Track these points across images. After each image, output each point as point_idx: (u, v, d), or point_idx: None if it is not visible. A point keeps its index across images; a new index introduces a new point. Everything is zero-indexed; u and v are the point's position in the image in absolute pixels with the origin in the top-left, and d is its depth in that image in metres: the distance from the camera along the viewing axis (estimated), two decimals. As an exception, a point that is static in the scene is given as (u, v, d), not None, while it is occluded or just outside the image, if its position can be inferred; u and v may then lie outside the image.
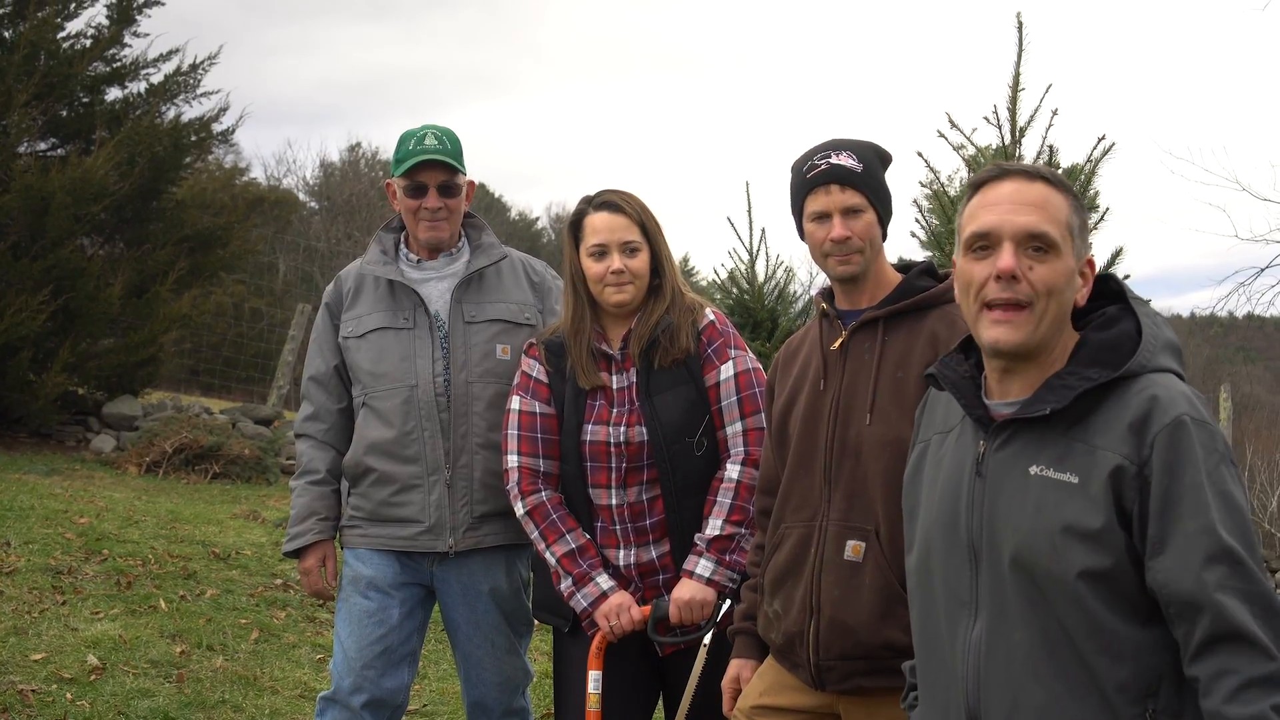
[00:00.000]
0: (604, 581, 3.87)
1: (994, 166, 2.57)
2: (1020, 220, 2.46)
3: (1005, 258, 2.45)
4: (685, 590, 3.80)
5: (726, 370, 3.90)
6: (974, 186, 2.58)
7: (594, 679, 3.86)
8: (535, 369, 4.04)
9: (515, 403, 4.03)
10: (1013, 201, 2.48)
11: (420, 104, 73.14)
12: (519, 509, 3.97)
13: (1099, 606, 2.31)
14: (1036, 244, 2.45)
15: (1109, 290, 2.61)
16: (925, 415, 2.79)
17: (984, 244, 2.49)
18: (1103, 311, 2.55)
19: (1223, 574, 2.22)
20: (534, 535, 3.95)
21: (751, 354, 3.99)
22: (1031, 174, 2.51)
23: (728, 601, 3.80)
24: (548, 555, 3.92)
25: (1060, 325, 2.49)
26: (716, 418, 3.89)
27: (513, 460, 3.99)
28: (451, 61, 78.37)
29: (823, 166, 3.31)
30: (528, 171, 74.06)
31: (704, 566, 3.81)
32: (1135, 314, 2.52)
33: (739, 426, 3.86)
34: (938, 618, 2.55)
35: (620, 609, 3.83)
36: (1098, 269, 2.58)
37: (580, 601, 3.87)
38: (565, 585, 3.89)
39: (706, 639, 3.82)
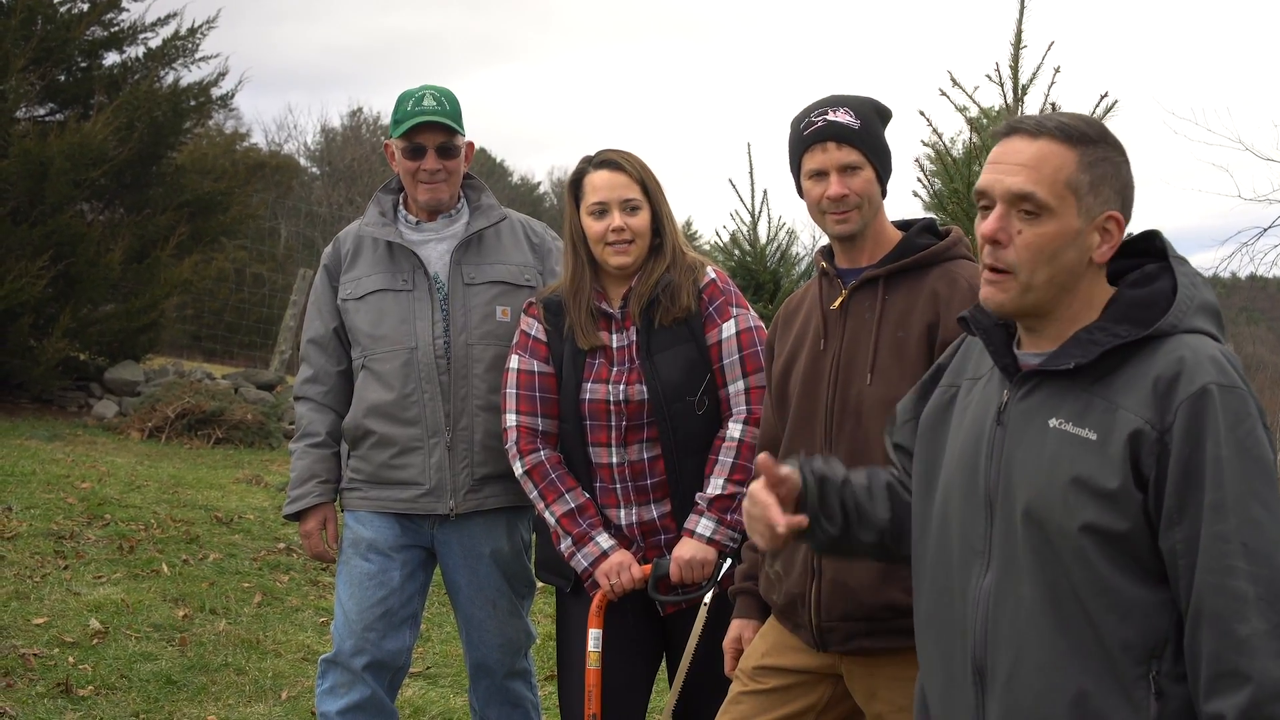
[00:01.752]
0: (604, 540, 3.86)
1: (1005, 124, 2.53)
2: (1008, 181, 2.42)
3: (989, 221, 2.42)
4: (686, 549, 3.80)
5: (728, 328, 3.88)
6: (996, 137, 2.55)
7: (594, 637, 3.87)
8: (534, 328, 4.02)
9: (514, 361, 4.02)
10: (1008, 161, 2.44)
11: (427, 69, 72.84)
12: (518, 468, 3.96)
13: (1106, 564, 2.29)
14: (1026, 206, 2.41)
15: (1153, 248, 2.53)
16: (958, 359, 2.73)
17: (984, 203, 2.47)
18: (1142, 269, 2.49)
19: (1233, 553, 2.20)
20: (533, 495, 3.94)
21: (753, 312, 3.97)
22: (1036, 130, 2.45)
23: (728, 561, 3.79)
24: (547, 515, 3.91)
25: (1064, 286, 2.43)
26: (718, 376, 3.87)
27: (511, 420, 3.97)
28: (459, 27, 78.04)
29: (819, 124, 3.28)
30: (533, 136, 73.76)
31: (705, 526, 3.80)
32: (1174, 273, 2.46)
33: (741, 385, 3.85)
34: (950, 565, 2.53)
35: (621, 567, 3.83)
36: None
37: (581, 561, 3.87)
38: (565, 545, 3.89)
39: (707, 598, 3.81)
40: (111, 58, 14.25)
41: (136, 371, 13.52)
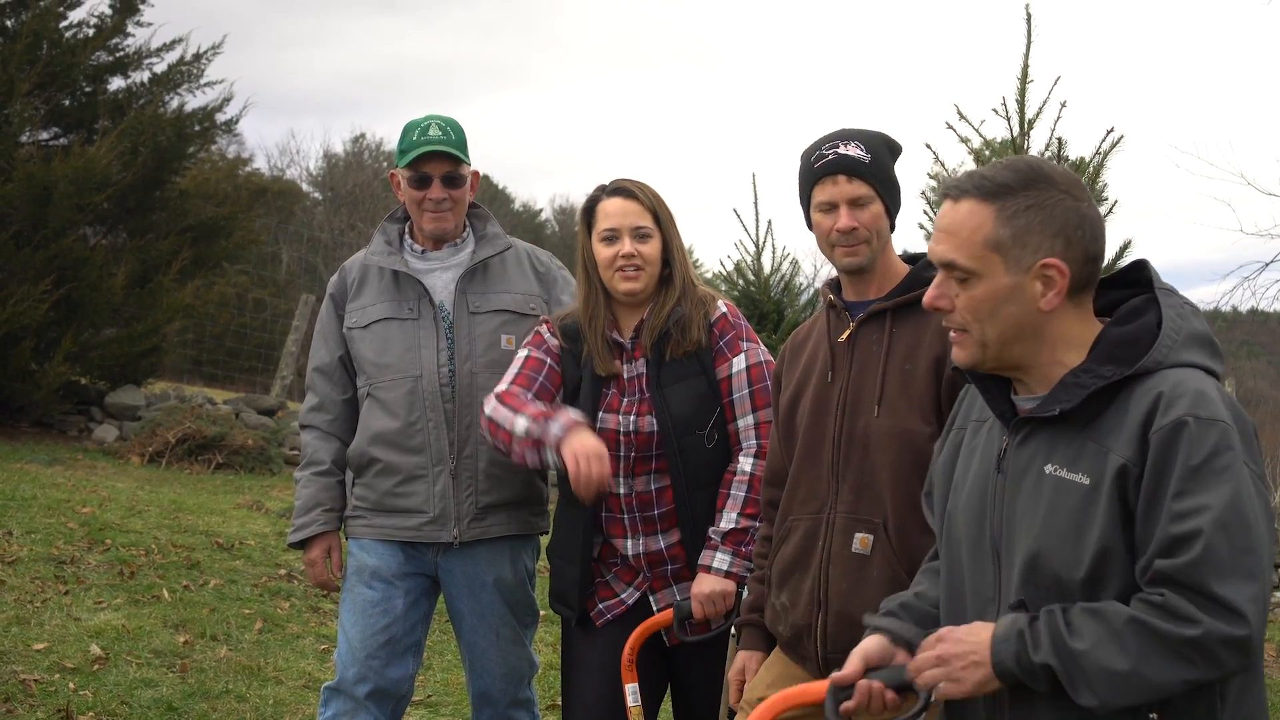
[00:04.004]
0: (575, 413, 3.78)
1: (943, 185, 2.56)
2: (935, 249, 2.46)
3: (929, 291, 2.47)
4: (706, 585, 3.78)
5: (738, 363, 3.88)
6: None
7: (631, 692, 3.83)
8: (550, 338, 4.03)
9: (524, 351, 4.03)
10: (938, 227, 2.48)
11: (435, 96, 73.12)
12: (487, 407, 3.90)
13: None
14: (955, 274, 2.43)
15: (1142, 279, 2.53)
16: (965, 405, 2.74)
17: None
18: (1128, 303, 2.48)
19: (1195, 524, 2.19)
20: (501, 418, 3.82)
21: (763, 346, 3.98)
22: (959, 192, 2.45)
23: (745, 589, 3.79)
24: (516, 424, 3.77)
25: (1020, 338, 2.42)
26: (728, 410, 3.87)
27: (505, 386, 3.93)
28: (468, 54, 78.32)
29: (830, 156, 3.30)
30: (537, 163, 74.00)
31: (721, 560, 3.79)
32: (1160, 305, 2.44)
33: (751, 419, 3.85)
34: (963, 612, 2.53)
35: (594, 457, 3.60)
36: (1111, 260, 2.53)
37: (554, 431, 3.69)
38: (536, 432, 3.72)
39: (734, 629, 3.81)
40: (116, 83, 14.31)
41: (137, 396, 13.51)
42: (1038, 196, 2.39)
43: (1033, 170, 2.43)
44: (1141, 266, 2.54)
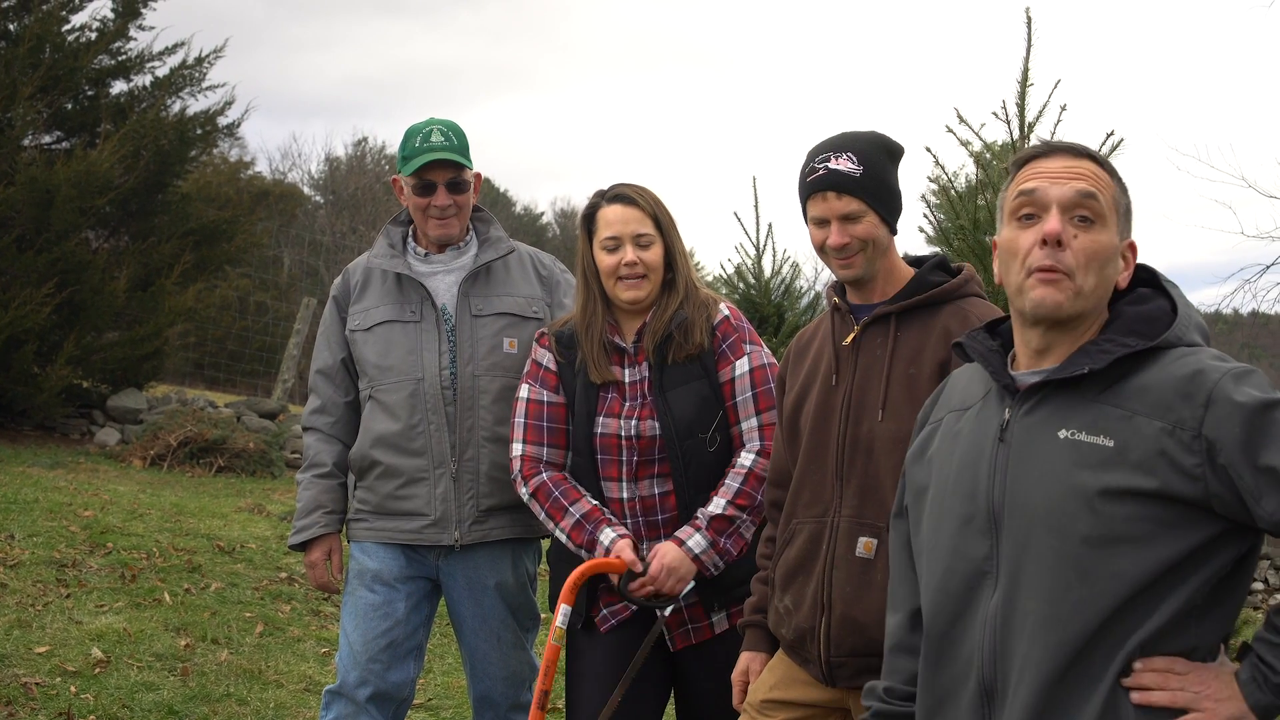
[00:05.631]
0: (605, 537, 3.82)
1: (1038, 144, 2.56)
2: (1073, 184, 2.47)
3: (1051, 222, 2.45)
4: (670, 555, 3.75)
5: (741, 366, 3.88)
6: (1019, 163, 2.56)
7: (563, 613, 3.78)
8: (545, 358, 4.03)
9: (524, 391, 4.03)
10: (1060, 171, 2.50)
11: (441, 99, 73.25)
12: (523, 493, 3.96)
13: (1127, 568, 2.29)
14: (1083, 211, 2.46)
15: (1146, 277, 2.60)
16: (937, 402, 2.77)
17: (1030, 210, 2.49)
18: (1137, 291, 2.55)
19: None
20: (541, 516, 3.94)
21: (766, 349, 3.97)
22: (1079, 151, 2.52)
23: (670, 610, 3.80)
24: (557, 533, 3.90)
25: (1101, 299, 2.49)
26: (731, 413, 3.87)
27: (518, 449, 3.98)
28: (474, 57, 78.43)
29: (821, 171, 3.27)
30: (540, 166, 74.09)
31: (696, 541, 3.76)
32: (1169, 294, 2.53)
33: (754, 422, 3.84)
34: (952, 592, 2.52)
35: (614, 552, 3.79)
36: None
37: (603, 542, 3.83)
38: (574, 546, 3.87)
39: (668, 611, 3.81)
40: (119, 86, 14.31)
41: (139, 399, 13.51)
42: (1124, 183, 2.54)
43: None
44: (1140, 267, 2.60)
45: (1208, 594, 2.31)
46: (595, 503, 3.89)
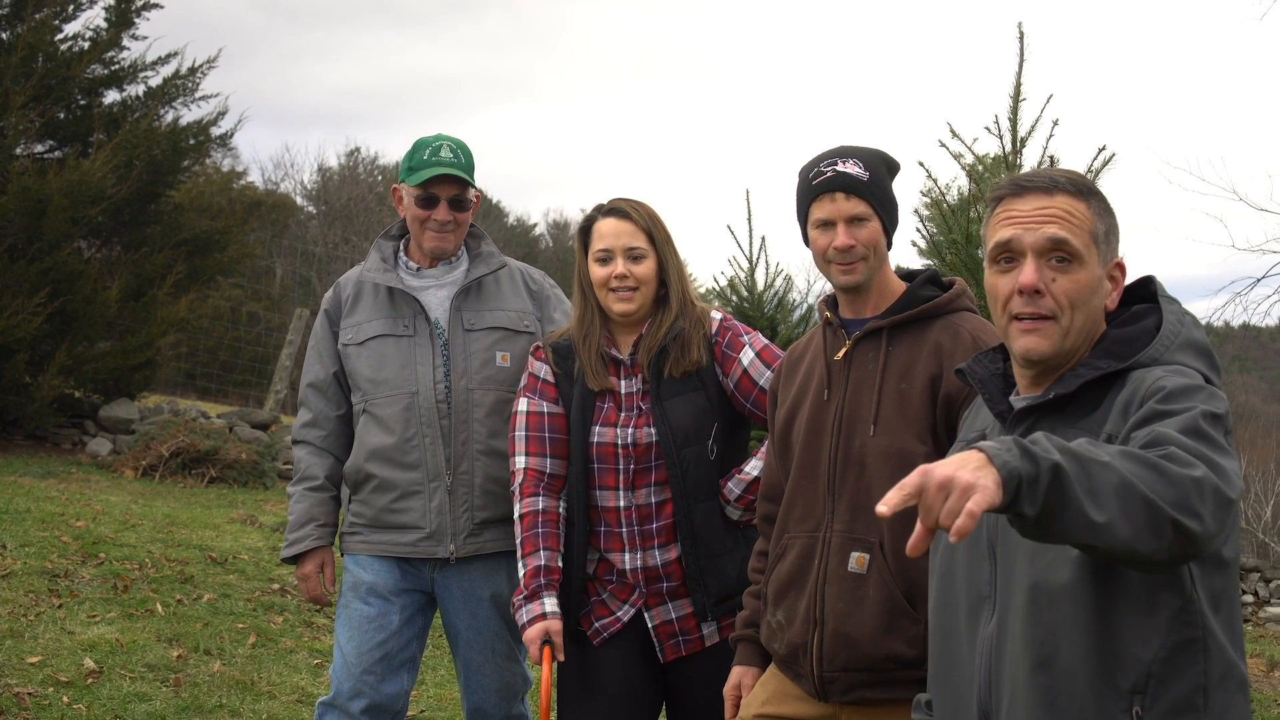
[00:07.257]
0: (549, 604, 3.85)
1: (1010, 182, 2.57)
2: (1044, 230, 2.48)
3: (1027, 272, 2.47)
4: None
5: (747, 354, 3.90)
6: (994, 201, 2.58)
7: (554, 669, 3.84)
8: (542, 371, 4.04)
9: (523, 404, 4.03)
10: (1032, 214, 2.50)
11: (439, 110, 73.22)
12: (515, 509, 3.97)
13: (1102, 601, 2.29)
14: (1059, 254, 2.47)
15: (1148, 293, 2.62)
16: (965, 425, 2.80)
17: (1008, 256, 2.51)
18: (1132, 309, 2.57)
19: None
20: (518, 539, 3.96)
21: (759, 333, 4.02)
22: (1051, 187, 2.52)
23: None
24: (519, 563, 3.93)
25: (1090, 331, 2.50)
26: (760, 396, 3.86)
27: (520, 462, 3.99)
28: (473, 68, 78.46)
29: (829, 174, 3.30)
30: (538, 178, 74.12)
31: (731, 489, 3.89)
32: (1162, 312, 2.53)
33: None
34: (957, 612, 2.55)
35: (546, 636, 3.82)
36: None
37: (521, 616, 3.87)
38: (518, 598, 3.89)
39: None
40: (111, 96, 14.31)
41: (131, 409, 13.51)
42: (1106, 204, 2.55)
43: (1093, 182, 2.58)
44: (1148, 282, 2.62)
45: (1195, 614, 2.29)
46: (560, 564, 3.91)
